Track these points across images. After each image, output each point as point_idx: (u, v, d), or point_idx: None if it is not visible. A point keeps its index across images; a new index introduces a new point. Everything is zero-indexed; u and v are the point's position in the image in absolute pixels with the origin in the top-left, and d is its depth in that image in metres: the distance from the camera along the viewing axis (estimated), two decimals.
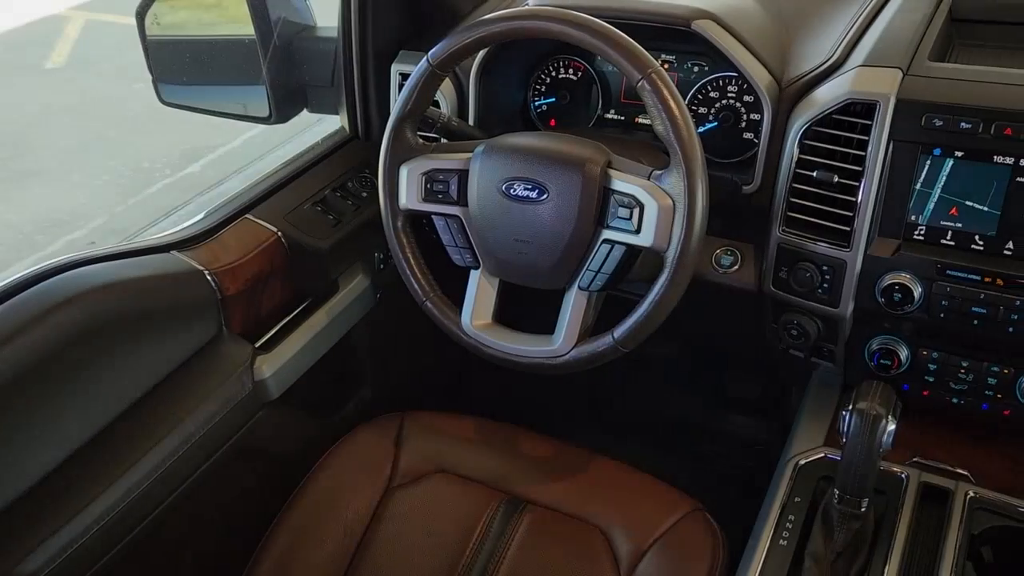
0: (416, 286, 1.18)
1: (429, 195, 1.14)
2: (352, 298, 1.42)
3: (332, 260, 1.38)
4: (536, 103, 1.42)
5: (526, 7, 1.10)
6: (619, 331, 1.05)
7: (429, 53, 1.10)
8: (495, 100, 1.36)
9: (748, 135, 1.26)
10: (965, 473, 1.10)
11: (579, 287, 1.08)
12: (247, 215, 1.31)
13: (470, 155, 1.11)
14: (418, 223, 1.21)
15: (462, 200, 1.12)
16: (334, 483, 1.26)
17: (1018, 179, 1.01)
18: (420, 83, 1.11)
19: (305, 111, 1.56)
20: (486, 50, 1.29)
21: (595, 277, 1.07)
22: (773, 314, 1.25)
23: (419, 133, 1.17)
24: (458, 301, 1.17)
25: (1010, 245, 1.03)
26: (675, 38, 1.21)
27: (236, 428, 1.24)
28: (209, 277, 1.21)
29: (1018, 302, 1.03)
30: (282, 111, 1.49)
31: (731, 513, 1.23)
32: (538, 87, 1.41)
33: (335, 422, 1.50)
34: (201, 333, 1.20)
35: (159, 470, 1.10)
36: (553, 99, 1.40)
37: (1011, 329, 1.04)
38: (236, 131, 4.67)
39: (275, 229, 1.31)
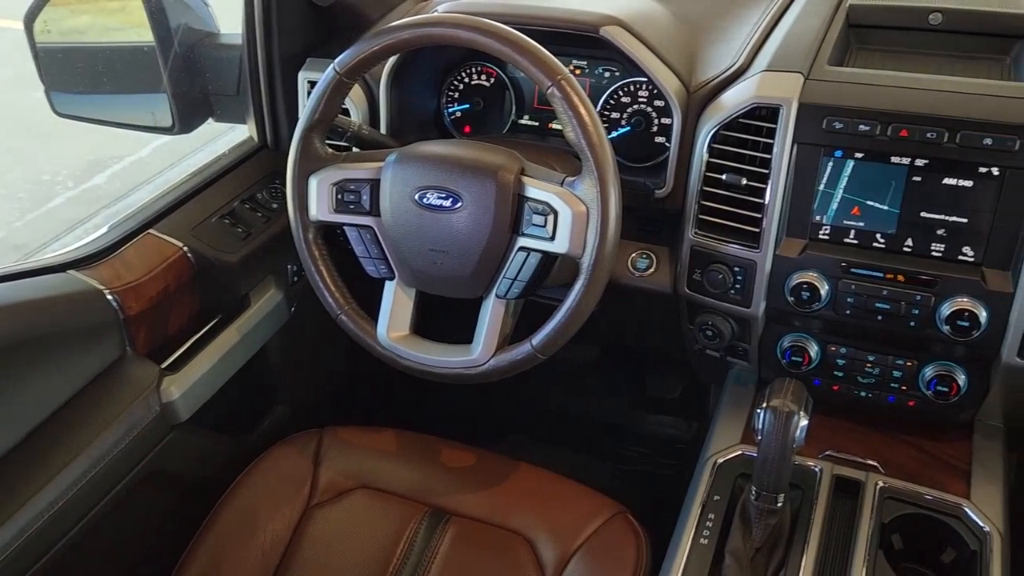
0: (330, 299, 1.15)
1: (340, 206, 1.11)
2: (265, 313, 1.38)
3: (242, 275, 1.33)
4: (449, 110, 1.41)
5: (434, 14, 1.09)
6: (537, 338, 1.05)
7: (336, 61, 1.08)
8: (407, 107, 1.34)
9: (660, 139, 1.27)
10: (875, 464, 1.13)
11: (496, 295, 1.07)
12: (151, 230, 1.26)
13: (382, 164, 1.09)
14: (331, 234, 1.18)
15: (375, 210, 1.10)
16: (250, 505, 1.22)
17: (914, 178, 1.04)
18: (327, 91, 1.08)
19: (211, 121, 1.50)
20: (396, 57, 1.27)
21: (512, 285, 1.06)
22: (688, 315, 1.26)
23: (329, 142, 1.15)
24: (375, 313, 1.15)
25: (909, 242, 1.07)
26: (585, 44, 1.22)
27: (144, 453, 1.18)
28: (110, 297, 1.15)
29: (918, 297, 1.06)
30: (186, 121, 1.43)
31: (655, 513, 1.24)
32: (451, 94, 1.40)
33: (251, 442, 1.45)
34: (103, 356, 1.15)
35: (61, 501, 1.04)
36: (467, 106, 1.39)
37: (913, 323, 1.08)
38: (144, 140, 4.50)
39: (180, 244, 1.26)
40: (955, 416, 1.17)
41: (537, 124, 1.37)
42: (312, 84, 1.35)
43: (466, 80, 1.39)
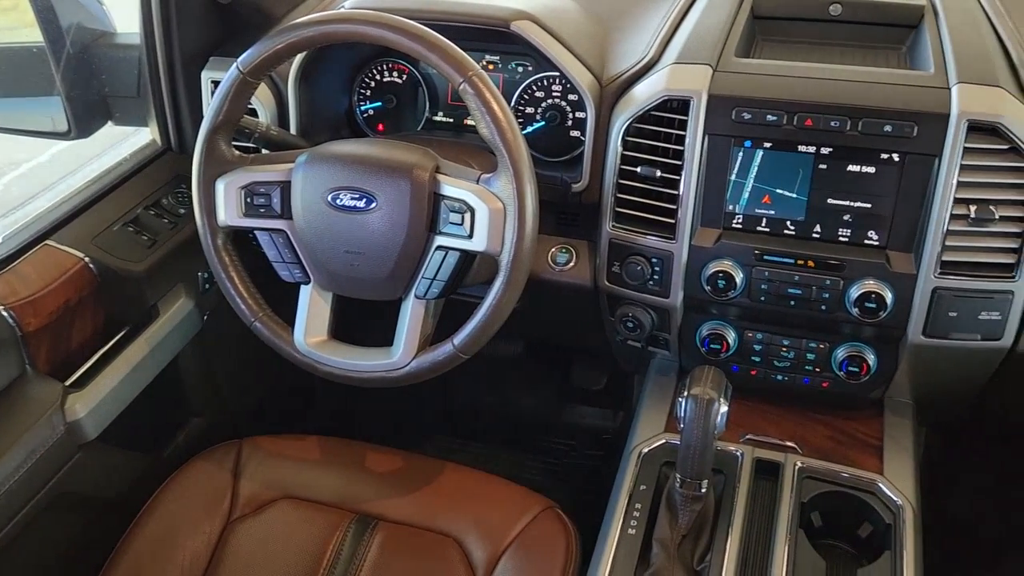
0: (243, 306, 1.12)
1: (250, 209, 1.08)
2: (175, 323, 1.33)
3: (149, 284, 1.28)
4: (361, 108, 1.38)
5: (341, 10, 1.07)
6: (459, 338, 1.04)
7: (239, 59, 1.04)
8: (317, 106, 1.31)
9: (575, 133, 1.28)
10: (793, 445, 1.16)
11: (415, 296, 1.06)
12: (48, 241, 1.20)
13: (292, 165, 1.06)
14: (242, 239, 1.14)
15: (286, 213, 1.07)
16: (167, 523, 1.18)
17: (820, 166, 1.07)
18: (231, 92, 1.05)
19: (110, 124, 1.44)
20: (304, 54, 1.24)
21: (431, 285, 1.05)
22: (609, 308, 1.27)
23: (236, 144, 1.11)
24: (292, 319, 1.12)
25: (818, 228, 1.10)
26: (497, 39, 1.21)
27: (50, 475, 1.12)
28: (5, 313, 1.09)
29: (828, 281, 1.09)
30: (83, 125, 1.37)
31: (584, 506, 1.25)
32: (362, 91, 1.37)
33: (166, 457, 1.40)
34: (0, 375, 1.08)
35: None
36: (379, 103, 1.37)
37: (824, 307, 1.11)
38: (44, 144, 4.31)
39: (81, 255, 1.20)
40: (866, 395, 1.21)
41: (452, 121, 1.36)
42: (216, 84, 1.30)
43: (378, 77, 1.36)
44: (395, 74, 1.36)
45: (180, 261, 1.33)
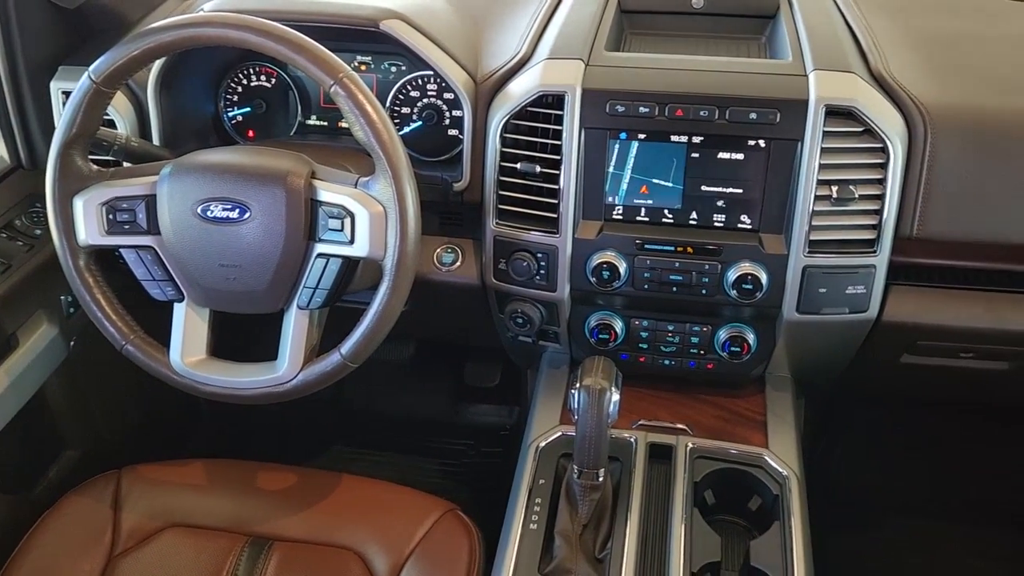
0: (112, 329, 1.06)
1: (114, 227, 1.02)
2: (38, 352, 1.24)
3: (6, 312, 1.19)
4: (229, 114, 1.33)
5: (200, 13, 1.02)
6: (346, 347, 1.01)
7: (90, 68, 0.98)
8: (181, 114, 1.25)
9: (453, 132, 1.27)
10: (683, 427, 1.19)
11: (298, 306, 1.03)
12: None
13: (156, 178, 1.01)
14: (108, 258, 1.08)
15: (153, 228, 1.02)
16: (42, 565, 1.10)
17: (693, 155, 1.10)
18: (84, 103, 0.99)
19: None
20: (163, 60, 1.18)
21: (314, 294, 1.02)
22: (498, 305, 1.27)
23: (93, 158, 1.05)
24: (167, 339, 1.06)
25: (694, 215, 1.13)
26: (368, 39, 1.19)
27: None
28: None
29: (706, 266, 1.13)
30: None
31: (486, 504, 1.25)
32: (229, 97, 1.32)
33: (37, 495, 1.31)
34: None
35: None
36: (248, 109, 1.32)
37: (704, 291, 1.14)
38: None
39: None
40: (748, 372, 1.26)
41: (326, 124, 1.32)
42: (67, 95, 1.22)
43: (244, 82, 1.31)
44: (263, 78, 1.31)
45: (39, 286, 1.24)
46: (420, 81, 1.26)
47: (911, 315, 1.16)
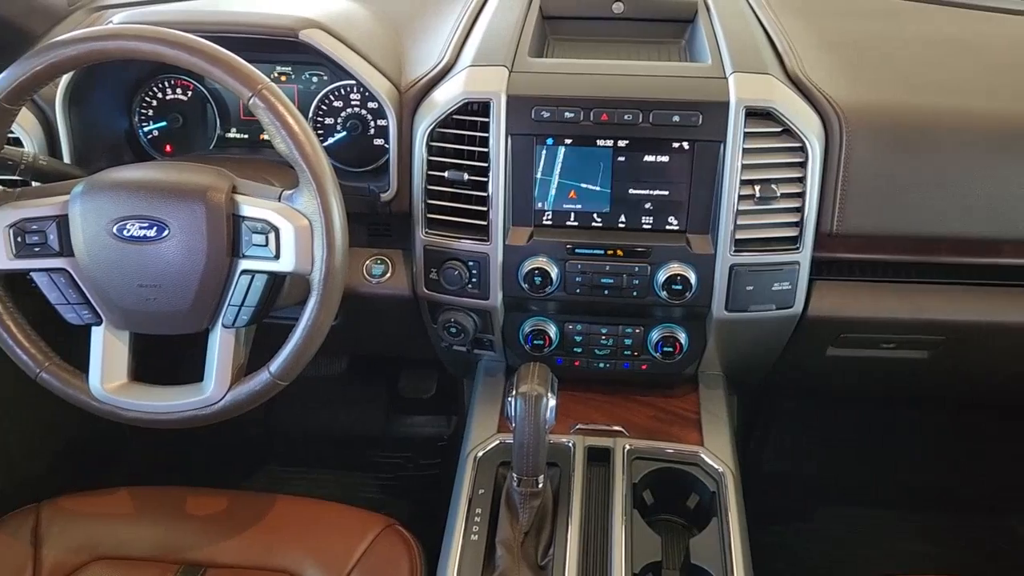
0: (25, 357, 1.01)
1: (23, 250, 0.98)
2: None
3: None
4: (144, 129, 1.28)
5: (109, 26, 0.98)
6: (275, 365, 0.99)
7: None
8: (93, 130, 1.21)
9: (379, 142, 1.25)
10: (620, 429, 1.20)
11: (223, 325, 1.00)
12: None
13: (67, 197, 0.97)
14: (19, 283, 1.03)
15: (66, 250, 0.98)
16: None
17: (619, 158, 1.11)
18: None
19: None
20: (71, 75, 1.13)
21: (239, 312, 0.99)
22: (431, 315, 1.26)
23: None
24: (86, 364, 1.02)
25: (622, 219, 1.14)
26: (287, 49, 1.16)
27: None
28: None
29: (636, 268, 1.14)
30: None
31: (426, 516, 1.23)
32: (144, 111, 1.28)
33: None
34: None
35: None
36: (164, 123, 1.28)
37: (635, 293, 1.15)
38: None
39: None
40: (681, 372, 1.27)
41: (247, 137, 1.29)
42: None
43: (159, 95, 1.27)
44: (179, 91, 1.27)
45: None
46: (343, 91, 1.24)
47: (834, 309, 1.20)
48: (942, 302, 1.20)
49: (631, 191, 1.13)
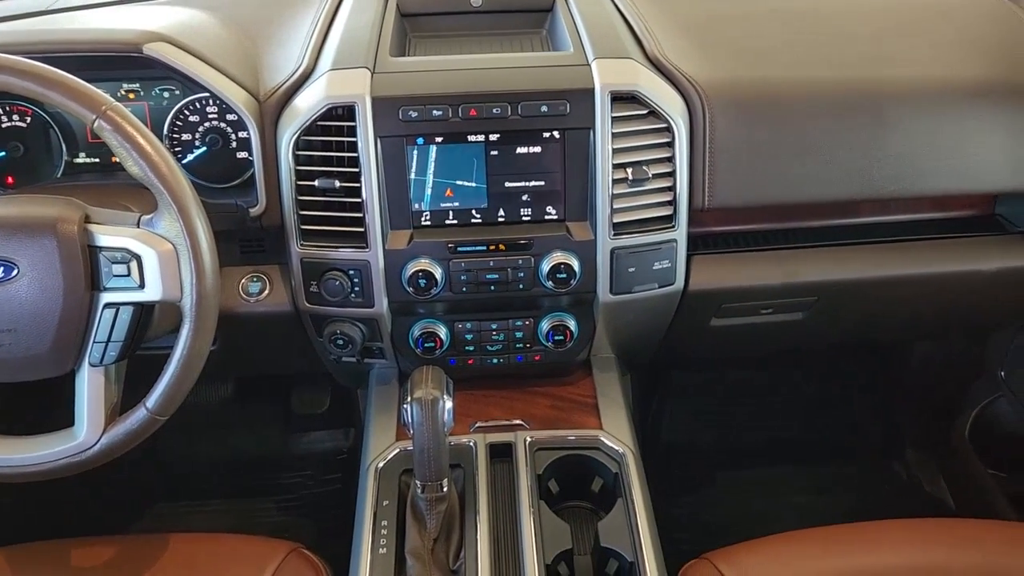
0: None
1: None
2: None
3: None
4: None
5: None
6: (152, 400, 0.94)
7: None
8: None
9: (242, 155, 1.20)
10: (520, 422, 1.20)
11: (90, 364, 0.93)
12: None
13: None
14: None
15: None
16: None
17: (492, 152, 1.11)
18: None
19: None
20: None
21: (106, 348, 0.93)
22: (315, 328, 1.22)
23: None
24: None
25: (502, 212, 1.14)
26: (132, 65, 1.10)
27: None
28: None
29: (520, 261, 1.14)
30: None
31: (334, 534, 1.19)
32: None
33: None
34: None
35: None
36: (3, 153, 1.19)
37: (521, 286, 1.15)
38: None
39: None
40: (574, 358, 1.28)
41: (98, 161, 1.21)
42: None
43: None
44: (16, 117, 1.18)
45: None
46: (198, 104, 1.18)
47: (713, 282, 1.24)
48: (811, 265, 1.26)
49: (507, 184, 1.12)
